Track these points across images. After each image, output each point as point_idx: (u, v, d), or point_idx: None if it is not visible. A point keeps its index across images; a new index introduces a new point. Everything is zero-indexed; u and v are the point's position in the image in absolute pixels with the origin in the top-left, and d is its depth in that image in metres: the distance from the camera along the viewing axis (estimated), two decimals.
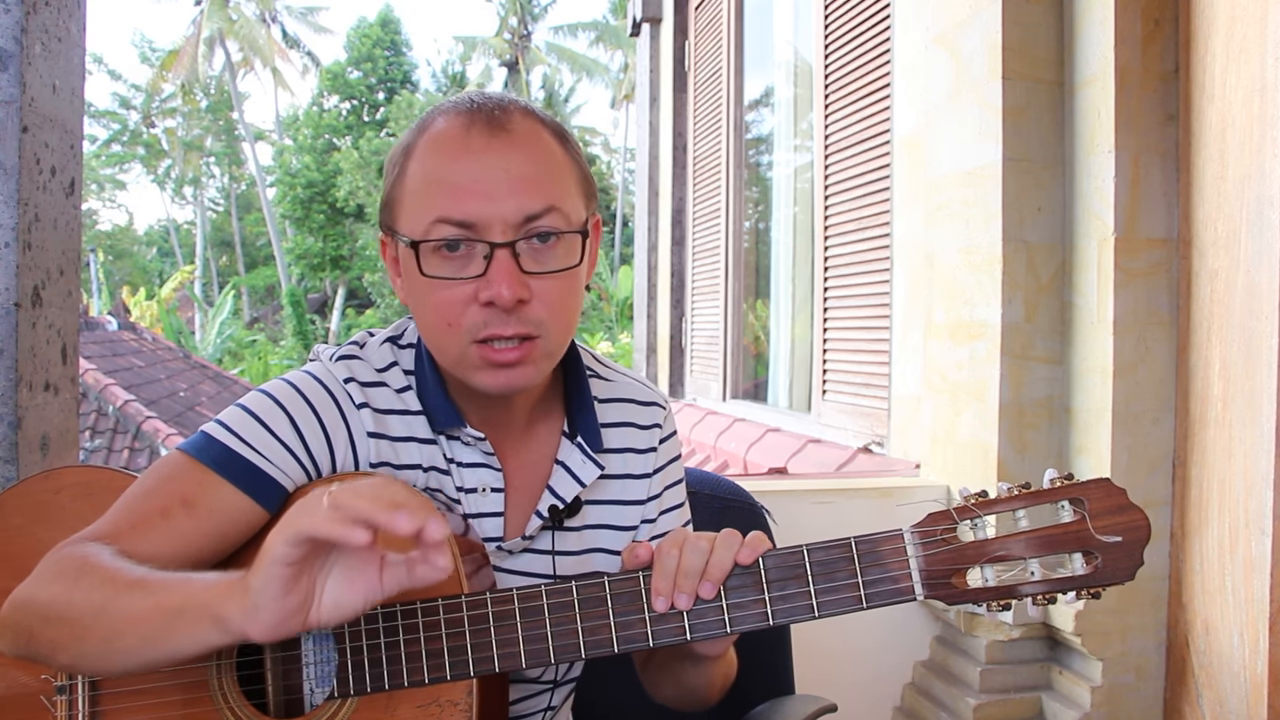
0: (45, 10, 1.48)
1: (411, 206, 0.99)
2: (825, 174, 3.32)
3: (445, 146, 0.98)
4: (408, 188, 0.99)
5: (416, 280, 0.98)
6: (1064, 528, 0.92)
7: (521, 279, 0.96)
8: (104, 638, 0.86)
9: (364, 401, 1.03)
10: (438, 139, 0.99)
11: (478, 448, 1.06)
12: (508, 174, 0.96)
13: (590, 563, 1.11)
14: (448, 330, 0.98)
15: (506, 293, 0.94)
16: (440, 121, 1.00)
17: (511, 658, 0.94)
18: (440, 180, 0.96)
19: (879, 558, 0.93)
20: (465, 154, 0.96)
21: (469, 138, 0.97)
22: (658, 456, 1.16)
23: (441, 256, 0.97)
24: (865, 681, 2.32)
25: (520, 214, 0.96)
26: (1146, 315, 1.97)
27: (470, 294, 0.96)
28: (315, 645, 0.97)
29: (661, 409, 1.18)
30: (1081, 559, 0.92)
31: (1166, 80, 1.97)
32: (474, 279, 0.96)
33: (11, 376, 1.41)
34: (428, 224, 0.96)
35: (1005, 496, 0.93)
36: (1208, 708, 1.88)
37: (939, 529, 0.93)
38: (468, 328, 0.97)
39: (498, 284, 0.94)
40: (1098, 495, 0.92)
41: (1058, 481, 0.93)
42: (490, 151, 0.96)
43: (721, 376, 4.49)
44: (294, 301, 22.72)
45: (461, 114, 0.99)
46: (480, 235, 0.95)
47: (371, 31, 29.89)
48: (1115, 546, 0.91)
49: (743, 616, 0.94)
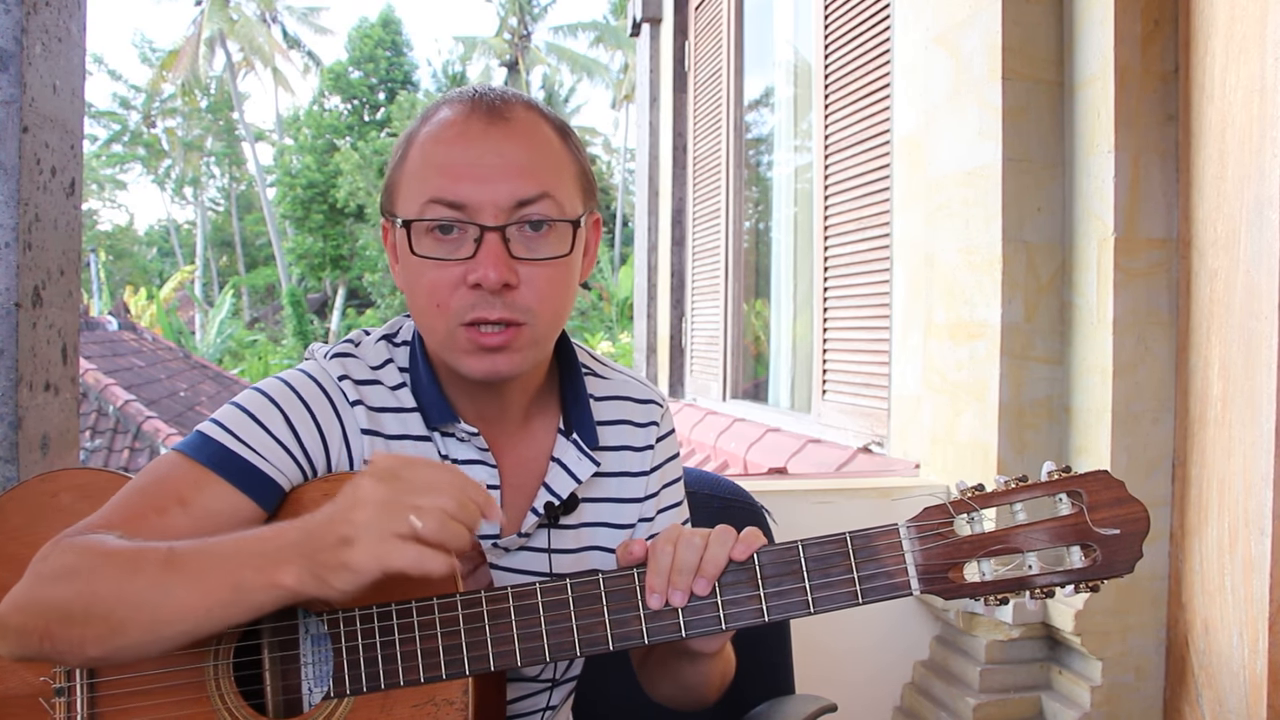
0: (45, 10, 1.48)
1: (408, 189, 1.00)
2: (825, 174, 3.32)
3: (444, 132, 0.99)
4: (407, 171, 1.01)
5: (409, 261, 1.00)
6: (1062, 521, 0.91)
7: (510, 264, 0.97)
8: (150, 625, 0.86)
9: (358, 399, 1.03)
10: (438, 125, 1.00)
11: (472, 444, 1.06)
12: (502, 159, 0.97)
13: (588, 560, 1.11)
14: (436, 311, 0.99)
15: (493, 275, 0.95)
16: (444, 110, 1.02)
17: (507, 656, 0.94)
18: (436, 163, 0.98)
19: (875, 553, 0.92)
20: (463, 139, 0.98)
21: (468, 124, 0.99)
22: (655, 454, 1.16)
23: (434, 238, 0.98)
24: (865, 681, 2.32)
25: (512, 198, 0.97)
26: (1146, 315, 1.97)
27: (459, 276, 0.97)
28: (313, 645, 0.97)
29: (659, 407, 1.18)
30: (1080, 552, 0.91)
31: (1166, 80, 1.97)
32: (463, 261, 0.97)
33: (12, 376, 1.41)
34: (421, 204, 0.98)
35: (1003, 490, 0.92)
36: (1207, 707, 1.88)
37: (935, 523, 0.92)
38: (456, 309, 0.98)
39: (485, 266, 0.96)
40: (1096, 488, 0.91)
41: (1055, 474, 0.92)
42: (487, 138, 0.98)
43: (721, 376, 4.49)
44: (294, 301, 22.72)
45: (464, 103, 1.01)
46: (471, 218, 0.97)
47: (373, 32, 29.88)
48: (1114, 539, 0.90)
49: (738, 613, 0.94)
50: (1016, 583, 0.91)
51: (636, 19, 5.55)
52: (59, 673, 0.97)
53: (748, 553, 0.94)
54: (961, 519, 0.92)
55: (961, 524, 0.92)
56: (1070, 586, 0.91)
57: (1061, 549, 0.92)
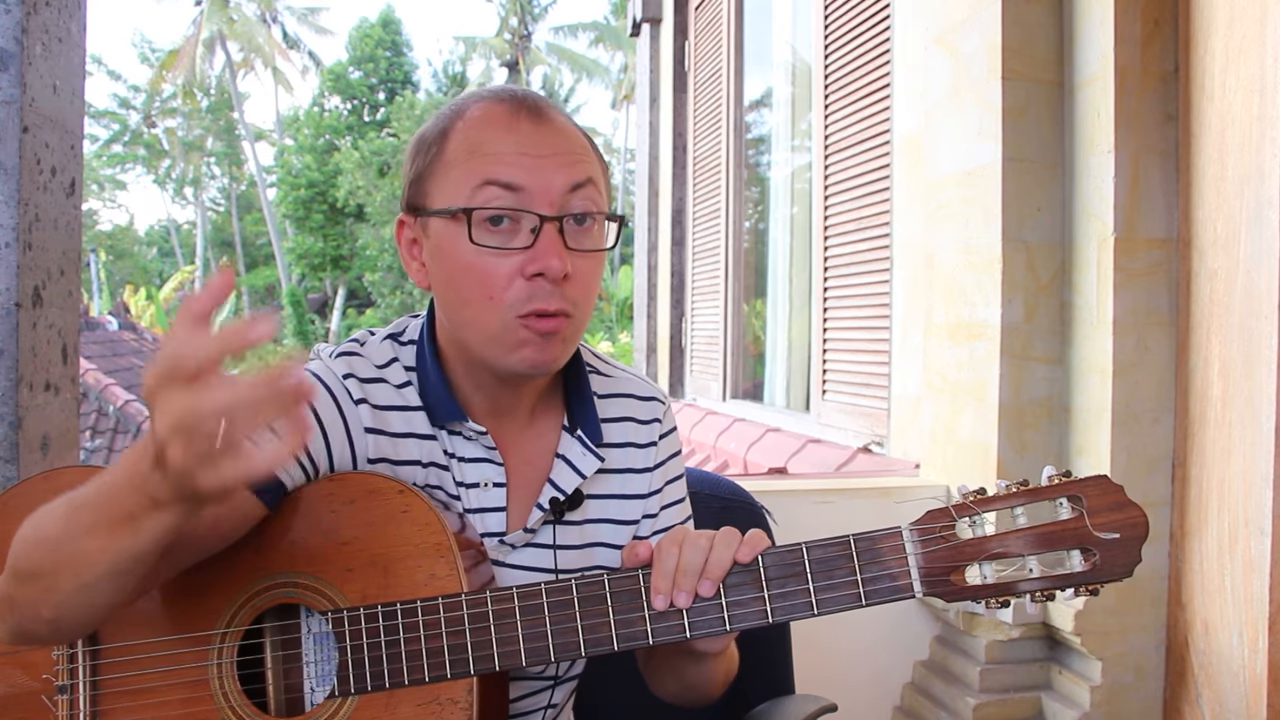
0: (45, 10, 1.48)
1: (453, 176, 1.00)
2: (825, 174, 3.32)
3: (492, 123, 1.00)
4: (447, 161, 1.01)
5: (458, 253, 0.99)
6: (1062, 525, 0.92)
7: (567, 253, 0.98)
8: (73, 570, 0.82)
9: (362, 397, 1.03)
10: (482, 117, 1.01)
11: (479, 442, 1.06)
12: (554, 149, 0.99)
13: (592, 557, 1.12)
14: (488, 304, 0.98)
15: (556, 264, 0.96)
16: (480, 106, 1.02)
17: (512, 655, 0.94)
18: (488, 150, 0.99)
19: (878, 555, 0.93)
20: (513, 130, 0.99)
21: (516, 119, 1.00)
22: (658, 451, 1.16)
23: (486, 229, 0.98)
24: (865, 681, 2.32)
25: (567, 183, 0.98)
26: (1146, 315, 1.97)
27: (516, 266, 0.97)
28: (316, 644, 0.98)
29: (661, 404, 1.19)
30: (1080, 556, 0.92)
31: (1166, 80, 1.98)
32: (522, 250, 0.97)
33: (12, 376, 1.41)
34: (473, 187, 0.98)
35: (1004, 494, 0.93)
36: (1207, 707, 1.88)
37: (938, 526, 0.93)
38: (511, 302, 0.98)
39: (547, 255, 0.96)
40: (1095, 492, 0.92)
41: (1056, 479, 0.93)
42: (538, 131, 0.99)
43: (721, 376, 4.49)
44: (294, 301, 22.74)
45: (504, 100, 1.02)
46: (528, 204, 0.97)
47: (373, 32, 29.88)
48: (1113, 543, 0.91)
49: (742, 614, 0.94)
50: (1017, 585, 0.92)
51: (636, 19, 5.55)
52: (61, 670, 0.97)
53: (752, 555, 0.95)
54: (963, 522, 0.93)
55: (963, 527, 0.93)
56: (1070, 590, 0.92)
57: (1061, 553, 0.92)
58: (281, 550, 0.98)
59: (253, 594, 0.97)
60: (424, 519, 0.97)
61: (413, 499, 0.98)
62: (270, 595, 0.97)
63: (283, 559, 0.97)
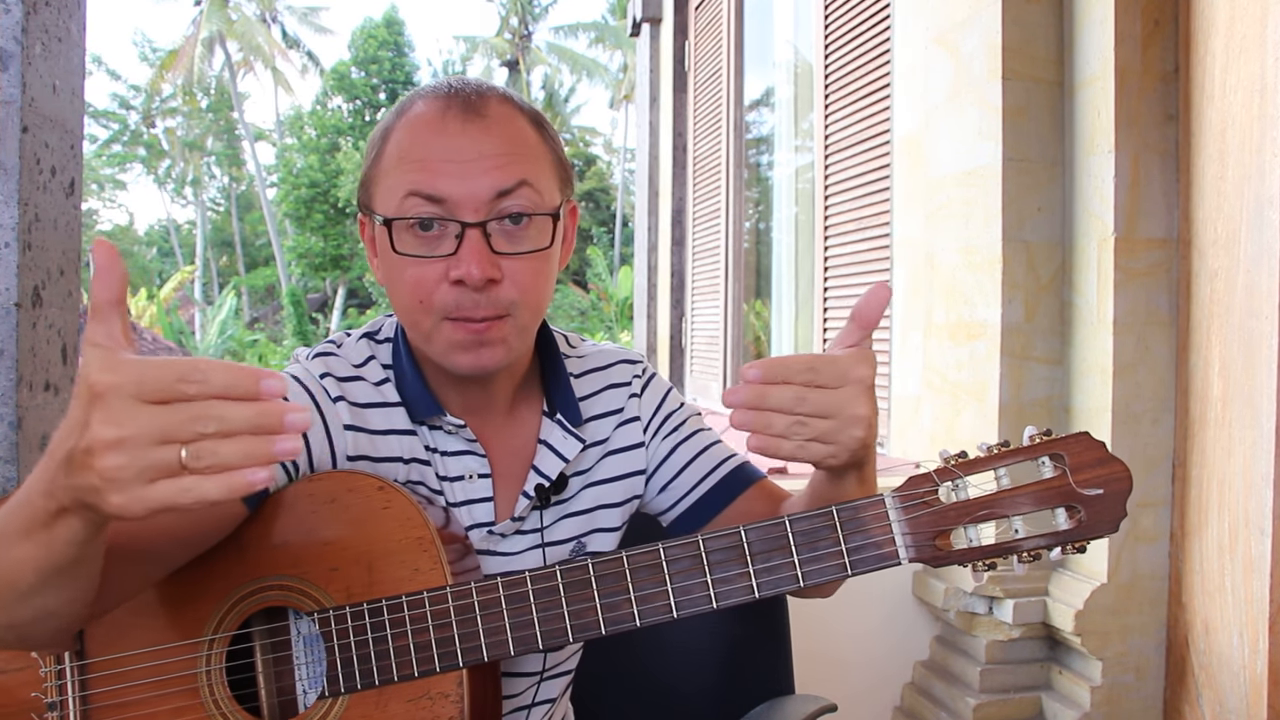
0: (45, 10, 1.48)
1: (386, 184, 1.00)
2: (825, 174, 3.32)
3: (421, 127, 0.99)
4: (383, 167, 1.01)
5: (390, 258, 1.00)
6: (1045, 483, 0.91)
7: (492, 259, 0.97)
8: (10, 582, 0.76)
9: (340, 395, 1.03)
10: (414, 120, 1.00)
11: (460, 435, 1.07)
12: (480, 153, 0.97)
13: (591, 544, 1.12)
14: (420, 308, 0.99)
15: (476, 271, 0.95)
16: (419, 104, 1.01)
17: (500, 646, 0.94)
18: (414, 157, 0.98)
19: (861, 524, 0.92)
20: (440, 134, 0.98)
21: (445, 120, 0.98)
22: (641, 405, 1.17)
23: (415, 235, 0.98)
24: (865, 681, 2.32)
25: (492, 190, 0.97)
26: (1146, 315, 1.97)
27: (441, 272, 0.97)
28: (305, 645, 0.97)
29: (630, 365, 1.19)
30: (1065, 514, 0.91)
31: (1166, 80, 1.97)
32: (445, 257, 0.97)
33: (12, 376, 1.41)
34: (400, 199, 0.97)
35: (985, 456, 0.93)
36: (1207, 707, 1.88)
37: (921, 492, 0.92)
38: (439, 306, 0.98)
39: (468, 263, 0.95)
40: (1077, 449, 0.91)
41: (1037, 438, 0.92)
42: (465, 134, 0.97)
43: (721, 376, 4.49)
44: (294, 301, 22.72)
45: (439, 97, 1.00)
46: (452, 213, 0.96)
47: (377, 32, 29.89)
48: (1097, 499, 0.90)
49: (729, 590, 0.93)
50: (1004, 547, 0.92)
51: (636, 19, 5.56)
52: (50, 687, 0.96)
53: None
54: (946, 486, 0.92)
55: (946, 491, 0.92)
56: (1057, 549, 0.92)
57: (1047, 511, 0.92)
58: (264, 552, 0.97)
59: (238, 598, 0.96)
60: (405, 514, 0.97)
61: (393, 495, 0.97)
62: (256, 599, 0.96)
63: (266, 561, 0.97)
